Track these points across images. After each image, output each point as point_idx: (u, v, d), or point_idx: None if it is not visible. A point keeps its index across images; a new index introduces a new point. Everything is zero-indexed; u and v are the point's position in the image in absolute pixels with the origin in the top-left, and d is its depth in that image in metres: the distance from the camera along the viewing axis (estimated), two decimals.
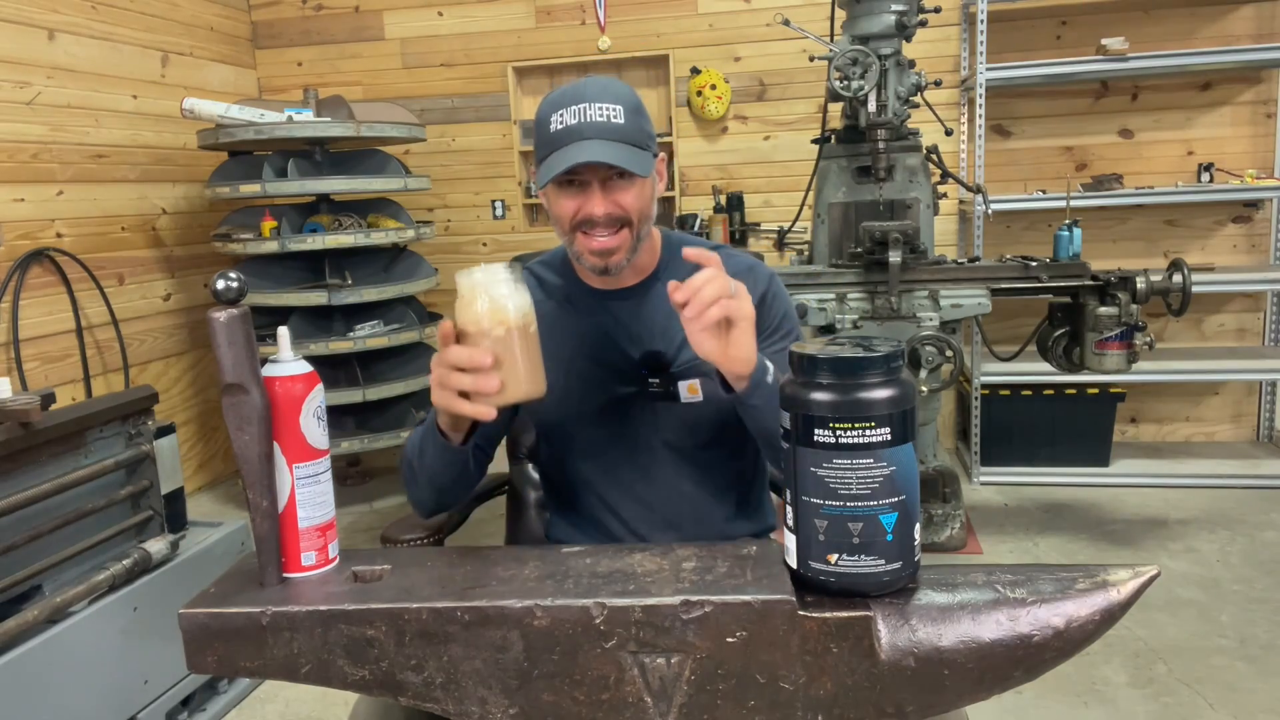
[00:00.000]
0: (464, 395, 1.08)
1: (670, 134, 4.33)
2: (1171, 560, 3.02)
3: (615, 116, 1.22)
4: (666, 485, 1.37)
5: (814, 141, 3.46)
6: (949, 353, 2.80)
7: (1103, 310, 2.81)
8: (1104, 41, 3.63)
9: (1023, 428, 3.85)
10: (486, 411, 1.07)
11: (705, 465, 1.39)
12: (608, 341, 1.36)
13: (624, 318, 1.37)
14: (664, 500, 1.38)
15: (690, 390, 1.34)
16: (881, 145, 3.07)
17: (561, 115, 1.22)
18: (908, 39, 3.07)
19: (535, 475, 1.84)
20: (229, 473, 4.28)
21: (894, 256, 2.86)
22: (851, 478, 0.83)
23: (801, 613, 0.84)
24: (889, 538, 0.84)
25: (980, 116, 3.83)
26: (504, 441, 1.87)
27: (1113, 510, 3.49)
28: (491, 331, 1.06)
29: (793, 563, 0.88)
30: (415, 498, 1.32)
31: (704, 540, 1.37)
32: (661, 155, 1.33)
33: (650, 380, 1.34)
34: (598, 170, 1.23)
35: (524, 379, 1.09)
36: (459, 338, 1.08)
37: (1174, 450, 4.06)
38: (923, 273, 2.99)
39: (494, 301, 1.07)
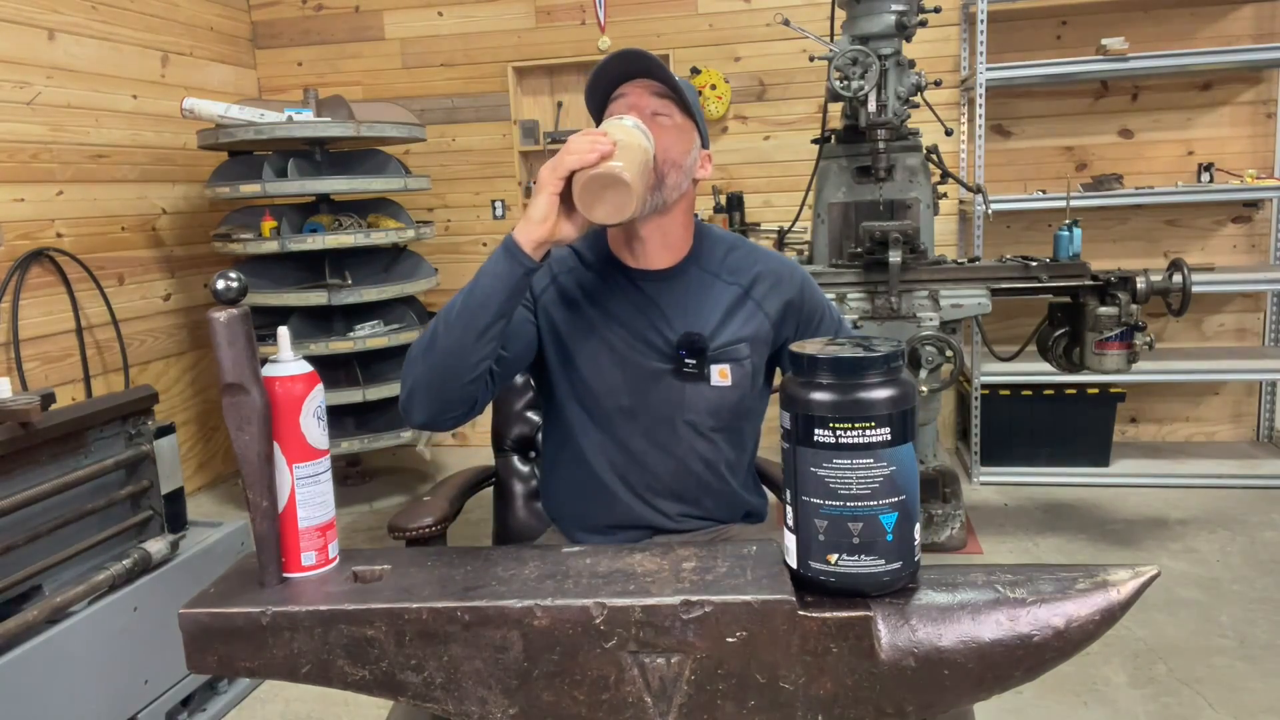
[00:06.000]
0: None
1: None
2: (1171, 560, 3.02)
3: (661, 64, 1.32)
4: (678, 460, 1.41)
5: (814, 141, 3.45)
6: (949, 353, 2.80)
7: (1103, 310, 2.81)
8: (1104, 41, 3.63)
9: (1023, 428, 3.85)
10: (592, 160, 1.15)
11: (717, 445, 1.42)
12: (642, 317, 1.39)
13: (658, 297, 1.40)
14: (673, 473, 1.42)
15: (721, 375, 1.38)
16: (881, 145, 3.07)
17: (605, 62, 1.33)
18: (908, 39, 3.07)
19: (522, 468, 1.86)
20: (229, 473, 4.28)
21: (894, 256, 2.86)
22: (851, 478, 0.83)
23: (801, 613, 0.84)
24: (889, 538, 0.84)
25: (980, 116, 3.82)
26: (489, 435, 1.89)
27: (1113, 510, 3.49)
28: (631, 140, 1.20)
29: (793, 563, 0.88)
30: (416, 383, 1.24)
31: (707, 509, 1.44)
32: (707, 153, 1.42)
33: (686, 361, 1.37)
34: (642, 94, 1.33)
35: (636, 177, 1.18)
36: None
37: (1174, 450, 4.05)
38: (923, 273, 2.99)
39: (639, 129, 1.25)
